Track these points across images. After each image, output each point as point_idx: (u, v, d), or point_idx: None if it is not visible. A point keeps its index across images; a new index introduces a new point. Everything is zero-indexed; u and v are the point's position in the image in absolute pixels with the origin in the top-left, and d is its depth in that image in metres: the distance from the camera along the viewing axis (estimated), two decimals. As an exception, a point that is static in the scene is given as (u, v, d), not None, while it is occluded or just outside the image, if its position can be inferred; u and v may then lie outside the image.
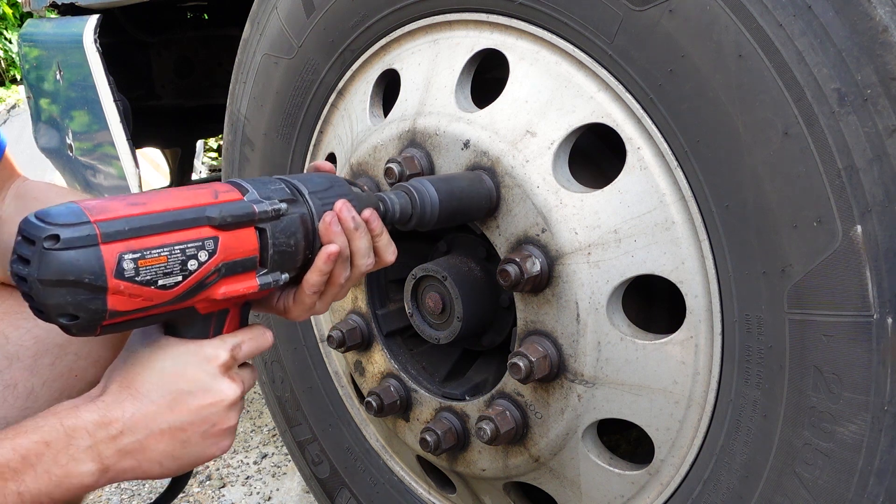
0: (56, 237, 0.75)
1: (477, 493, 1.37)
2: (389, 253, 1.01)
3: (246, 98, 1.58)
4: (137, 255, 0.78)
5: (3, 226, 1.24)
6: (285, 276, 0.92)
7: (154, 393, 0.88)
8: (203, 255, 0.83)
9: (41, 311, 0.79)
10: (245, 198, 0.88)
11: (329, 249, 0.92)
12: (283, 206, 0.89)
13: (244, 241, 0.86)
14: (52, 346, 1.19)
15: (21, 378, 1.17)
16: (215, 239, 0.84)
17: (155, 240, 0.79)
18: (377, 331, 1.39)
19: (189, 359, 0.90)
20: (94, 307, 0.78)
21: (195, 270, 0.83)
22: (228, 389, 0.91)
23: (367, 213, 0.97)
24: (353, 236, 0.94)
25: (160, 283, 0.80)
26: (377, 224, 0.97)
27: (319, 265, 0.93)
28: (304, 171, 1.09)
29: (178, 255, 0.81)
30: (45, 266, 0.75)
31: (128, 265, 0.78)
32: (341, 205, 0.94)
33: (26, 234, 0.77)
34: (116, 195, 0.83)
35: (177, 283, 0.82)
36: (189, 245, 0.82)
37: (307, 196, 0.93)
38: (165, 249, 0.80)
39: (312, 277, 0.94)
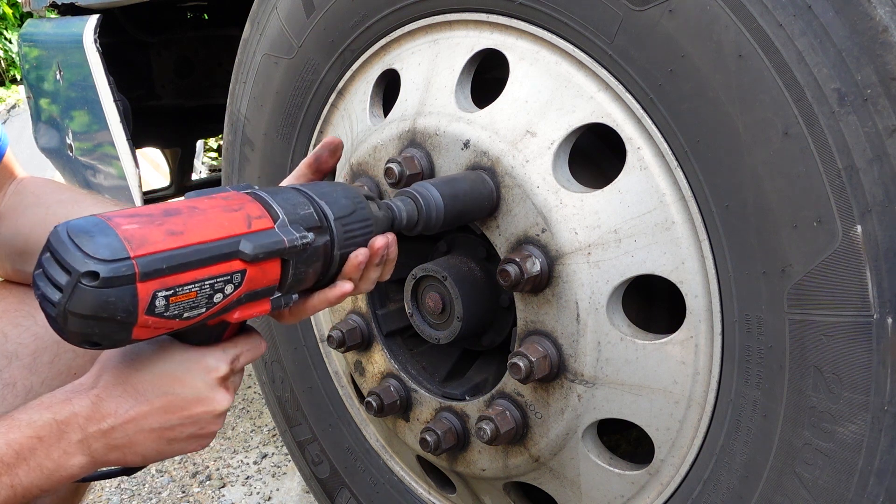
0: (95, 275, 0.72)
1: (477, 493, 1.37)
2: (386, 275, 1.04)
3: (246, 98, 1.58)
4: (170, 293, 0.77)
5: (1, 221, 1.24)
6: (295, 297, 0.92)
7: (150, 393, 0.89)
8: (229, 289, 0.82)
9: (63, 334, 0.77)
10: (276, 226, 0.86)
11: (345, 288, 0.95)
12: (311, 236, 0.88)
13: (269, 273, 0.86)
14: (50, 343, 1.19)
15: (20, 376, 1.17)
16: (243, 272, 0.83)
17: (188, 276, 0.78)
18: (377, 331, 1.39)
19: (190, 366, 0.91)
20: (119, 338, 0.77)
21: (219, 302, 0.82)
22: (222, 400, 0.93)
23: (388, 239, 0.98)
24: (370, 271, 0.97)
25: (185, 315, 0.80)
26: (394, 250, 1.00)
27: (331, 298, 0.95)
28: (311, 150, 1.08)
29: (207, 289, 0.80)
30: (79, 300, 0.73)
31: (160, 303, 0.77)
32: (381, 246, 0.95)
33: (61, 259, 0.74)
34: (152, 210, 0.80)
35: (199, 315, 0.82)
36: (218, 279, 0.81)
37: (332, 223, 0.92)
38: (196, 285, 0.79)
39: (320, 305, 0.96)
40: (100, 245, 0.73)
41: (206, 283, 0.80)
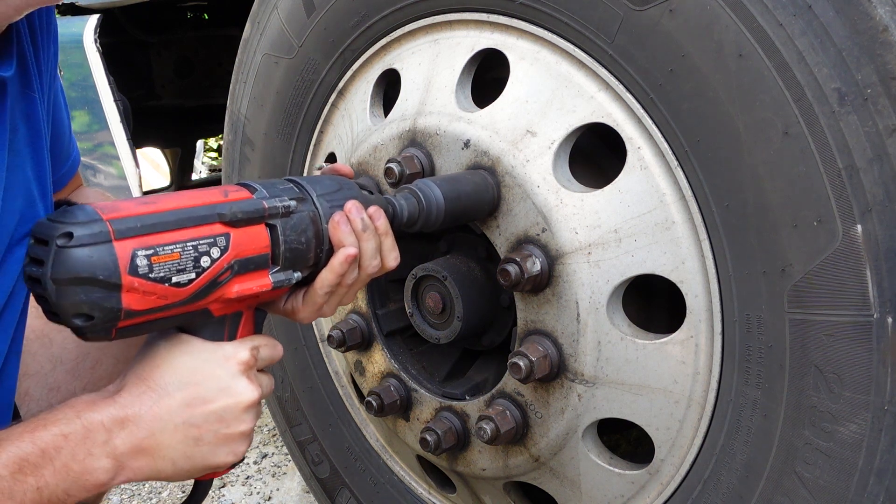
0: (69, 234, 0.75)
1: (477, 492, 1.37)
2: (391, 258, 1.01)
3: (246, 98, 1.58)
4: (150, 252, 0.78)
5: None
6: (297, 275, 0.92)
7: (171, 386, 0.87)
8: (215, 252, 0.83)
9: (55, 314, 0.78)
10: (254, 196, 0.88)
11: (348, 252, 0.93)
12: (293, 203, 0.90)
13: (255, 238, 0.87)
14: (92, 349, 1.19)
15: (64, 381, 1.17)
16: (227, 235, 0.84)
17: (167, 236, 0.80)
18: (377, 330, 1.39)
19: (208, 356, 0.89)
20: (109, 306, 0.77)
21: (208, 267, 0.83)
22: (246, 390, 0.90)
23: (373, 209, 0.97)
24: (362, 237, 0.95)
25: (174, 280, 0.81)
26: (382, 222, 0.98)
27: (335, 265, 0.93)
28: (313, 173, 1.09)
29: (191, 251, 0.81)
30: (59, 264, 0.75)
31: (141, 262, 0.78)
32: (351, 205, 0.95)
33: (39, 235, 0.77)
34: (126, 198, 0.84)
35: (191, 281, 0.82)
36: (201, 241, 0.82)
37: (314, 197, 0.93)
38: (178, 246, 0.80)
39: (328, 277, 0.94)
40: (73, 215, 0.77)
41: (189, 244, 0.81)
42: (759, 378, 0.96)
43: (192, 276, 0.82)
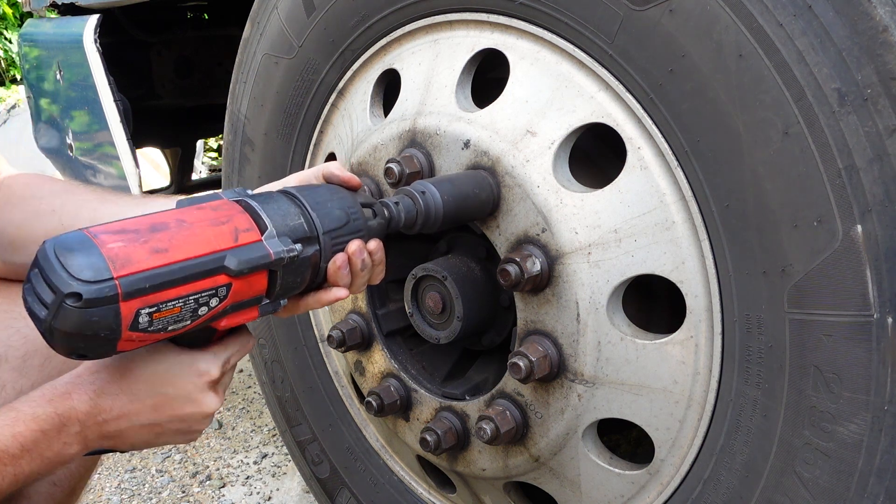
0: (78, 296, 0.74)
1: (477, 492, 1.37)
2: (377, 280, 1.05)
3: (246, 98, 1.58)
4: (154, 310, 0.79)
5: None
6: (284, 302, 0.93)
7: (143, 392, 0.93)
8: (214, 301, 0.84)
9: (52, 346, 0.80)
10: (263, 237, 0.86)
11: (338, 294, 0.97)
12: (299, 248, 0.88)
13: (255, 284, 0.87)
14: (41, 346, 1.19)
15: (10, 379, 1.18)
16: (228, 286, 0.84)
17: (173, 292, 0.80)
18: (377, 330, 1.39)
19: (182, 369, 0.94)
20: (104, 351, 0.80)
21: (203, 315, 0.84)
22: (211, 403, 0.97)
23: (373, 245, 0.99)
24: (358, 276, 0.98)
25: (170, 328, 0.82)
26: (380, 255, 1.01)
27: (323, 300, 0.97)
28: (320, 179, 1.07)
29: (192, 304, 0.82)
30: (63, 319, 0.75)
31: (143, 319, 0.79)
32: (355, 249, 0.96)
33: (47, 278, 0.76)
34: (140, 225, 0.81)
35: (184, 326, 0.83)
36: (203, 294, 0.82)
37: (321, 235, 0.92)
38: (180, 301, 0.80)
39: (312, 304, 0.98)
40: (84, 266, 0.75)
41: (191, 298, 0.81)
42: (759, 378, 0.96)
43: (188, 322, 0.83)
